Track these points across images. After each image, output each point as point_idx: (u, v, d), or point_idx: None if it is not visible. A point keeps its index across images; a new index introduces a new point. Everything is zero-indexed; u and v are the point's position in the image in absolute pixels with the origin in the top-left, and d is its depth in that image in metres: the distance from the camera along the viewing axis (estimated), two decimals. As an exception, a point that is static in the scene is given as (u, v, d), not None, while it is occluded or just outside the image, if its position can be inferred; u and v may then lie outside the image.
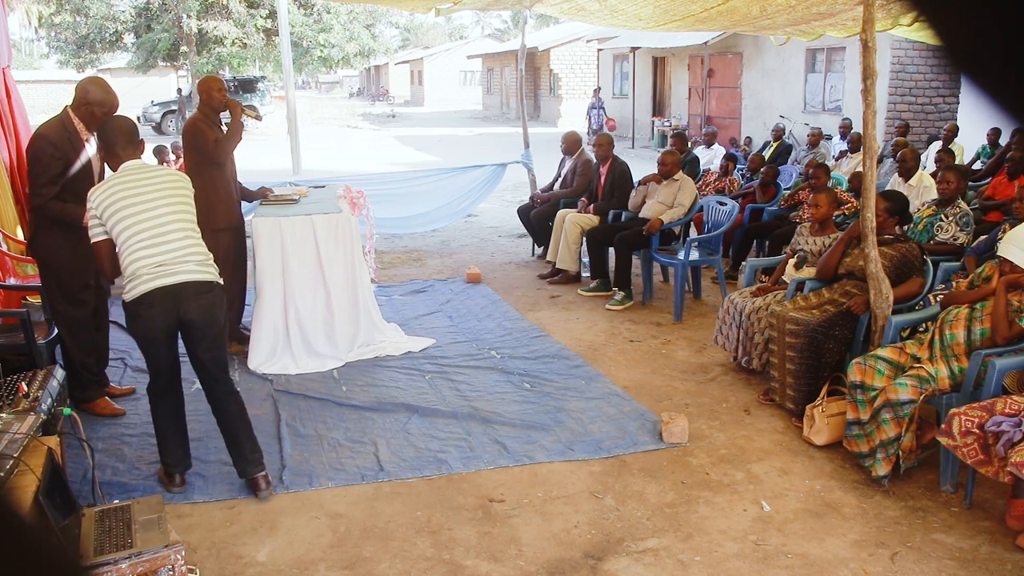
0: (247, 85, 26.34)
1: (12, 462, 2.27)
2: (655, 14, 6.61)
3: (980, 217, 5.99)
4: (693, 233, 7.07)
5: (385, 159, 17.65)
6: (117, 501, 2.72)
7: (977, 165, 9.07)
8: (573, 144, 7.47)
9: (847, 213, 6.11)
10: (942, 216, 5.08)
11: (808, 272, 4.55)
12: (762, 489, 3.39)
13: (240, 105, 4.77)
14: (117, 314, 4.03)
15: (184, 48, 25.27)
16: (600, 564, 2.87)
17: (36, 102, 30.83)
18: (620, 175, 6.76)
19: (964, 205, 5.11)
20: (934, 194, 5.86)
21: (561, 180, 7.55)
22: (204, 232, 3.38)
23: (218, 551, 2.95)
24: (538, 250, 7.77)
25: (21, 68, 44.38)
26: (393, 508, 3.25)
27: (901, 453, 3.32)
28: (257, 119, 5.01)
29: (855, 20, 6.24)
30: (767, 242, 6.69)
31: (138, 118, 26.63)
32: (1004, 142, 8.78)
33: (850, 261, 4.25)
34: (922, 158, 7.92)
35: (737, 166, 8.51)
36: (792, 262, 4.76)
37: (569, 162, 7.50)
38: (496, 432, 3.92)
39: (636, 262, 6.28)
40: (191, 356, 3.24)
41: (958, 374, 3.40)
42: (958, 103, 13.22)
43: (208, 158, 4.66)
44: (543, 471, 3.55)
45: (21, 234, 5.12)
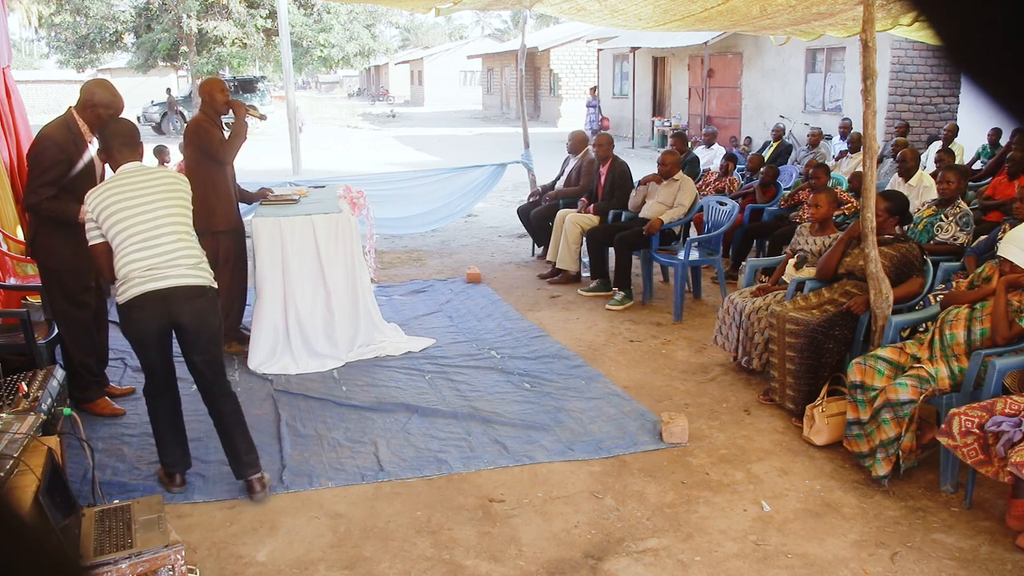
0: (247, 85, 26.34)
1: (12, 462, 2.27)
2: (655, 14, 6.61)
3: (980, 217, 5.99)
4: (693, 233, 7.07)
5: (385, 159, 17.65)
6: (117, 501, 2.72)
7: (977, 165, 9.07)
8: (579, 143, 7.49)
9: (847, 213, 6.11)
10: (942, 216, 5.08)
11: (808, 272, 4.55)
12: (762, 489, 3.39)
13: (244, 105, 4.78)
14: (116, 314, 4.03)
15: (184, 48, 25.27)
16: (600, 564, 2.87)
17: (36, 102, 30.88)
18: (620, 175, 6.76)
19: (964, 205, 5.11)
20: (934, 194, 5.86)
21: (565, 179, 7.55)
22: (204, 235, 3.38)
23: (218, 551, 2.95)
24: (538, 250, 7.78)
25: (21, 68, 44.41)
26: (393, 508, 3.25)
27: (901, 453, 3.32)
28: (261, 119, 5.02)
29: (855, 20, 6.24)
30: (767, 242, 6.69)
31: (138, 118, 26.64)
32: (1004, 142, 8.78)
33: (850, 261, 4.25)
34: (922, 158, 7.92)
35: (737, 166, 8.51)
36: (792, 262, 4.76)
37: (574, 160, 7.52)
38: (496, 432, 3.92)
39: (636, 262, 6.29)
40: (185, 359, 3.24)
41: (958, 374, 3.40)
42: (958, 103, 13.22)
43: (213, 158, 4.67)
44: (543, 471, 3.55)
45: (21, 234, 5.12)
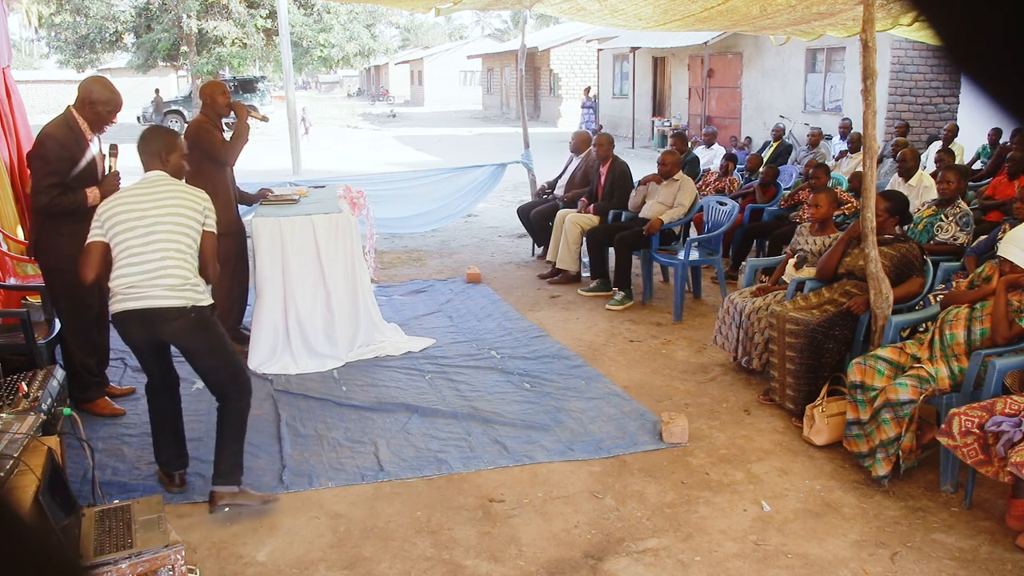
0: (247, 85, 26.36)
1: (12, 462, 2.27)
2: (655, 14, 6.60)
3: (980, 217, 5.99)
4: (693, 233, 7.07)
5: (385, 159, 17.65)
6: (117, 501, 2.72)
7: (977, 165, 9.07)
8: (583, 143, 7.53)
9: (847, 213, 6.11)
10: (942, 216, 5.08)
11: (808, 272, 4.55)
12: (762, 489, 3.39)
13: (245, 107, 4.79)
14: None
15: (184, 48, 25.28)
16: (600, 564, 2.87)
17: (36, 102, 30.91)
18: (620, 175, 6.76)
19: (964, 205, 5.11)
20: (934, 194, 5.86)
21: (569, 178, 7.56)
22: None
23: (218, 551, 2.95)
24: (538, 250, 7.78)
25: (21, 68, 44.42)
26: (393, 508, 3.25)
27: (901, 453, 3.32)
28: (263, 120, 5.02)
29: (855, 20, 6.24)
30: (767, 242, 6.69)
31: (138, 118, 26.65)
32: (1004, 142, 8.78)
33: (850, 261, 4.24)
34: (922, 158, 7.91)
35: (737, 166, 8.51)
36: (792, 262, 4.76)
37: (577, 160, 7.53)
38: (496, 432, 3.92)
39: (636, 262, 6.29)
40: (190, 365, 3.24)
41: (958, 374, 3.40)
42: (958, 103, 13.22)
43: (214, 159, 4.67)
44: (543, 471, 3.55)
45: (21, 234, 5.12)
